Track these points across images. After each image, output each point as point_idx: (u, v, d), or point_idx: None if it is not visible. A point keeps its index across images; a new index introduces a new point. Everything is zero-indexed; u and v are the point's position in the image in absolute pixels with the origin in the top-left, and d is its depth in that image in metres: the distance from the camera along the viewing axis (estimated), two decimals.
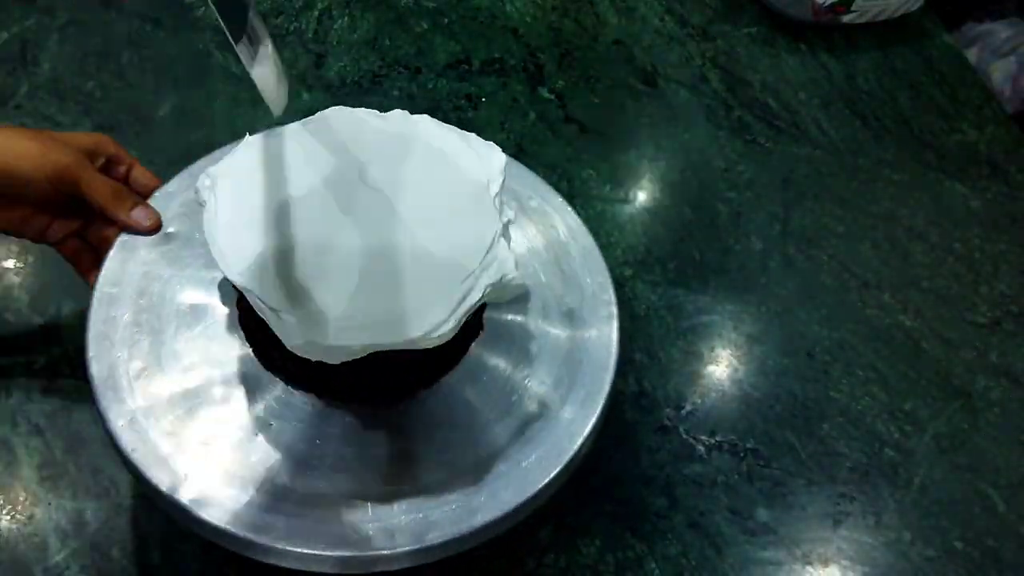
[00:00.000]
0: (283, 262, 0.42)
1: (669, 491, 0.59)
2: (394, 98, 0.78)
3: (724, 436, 0.62)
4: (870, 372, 0.67)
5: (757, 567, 0.57)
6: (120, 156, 0.53)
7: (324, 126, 0.47)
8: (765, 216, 0.75)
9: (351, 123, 0.48)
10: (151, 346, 0.46)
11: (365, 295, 0.41)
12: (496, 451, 0.45)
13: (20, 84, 0.73)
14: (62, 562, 0.51)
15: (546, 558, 0.55)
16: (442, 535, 0.42)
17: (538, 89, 0.81)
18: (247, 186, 0.45)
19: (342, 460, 0.44)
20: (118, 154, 0.53)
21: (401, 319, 0.41)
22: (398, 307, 0.41)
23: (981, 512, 0.61)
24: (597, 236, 0.55)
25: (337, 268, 0.42)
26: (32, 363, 0.58)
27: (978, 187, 0.80)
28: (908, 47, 0.92)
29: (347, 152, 0.46)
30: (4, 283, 0.62)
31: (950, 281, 0.73)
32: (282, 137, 0.47)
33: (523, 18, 0.87)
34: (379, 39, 0.83)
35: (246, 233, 0.43)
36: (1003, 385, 0.67)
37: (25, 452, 0.55)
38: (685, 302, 0.69)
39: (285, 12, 0.83)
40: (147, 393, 0.44)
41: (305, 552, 0.41)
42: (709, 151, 0.80)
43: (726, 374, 0.65)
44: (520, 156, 0.64)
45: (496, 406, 0.47)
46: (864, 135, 0.83)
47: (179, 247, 0.50)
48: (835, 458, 0.62)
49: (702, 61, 0.87)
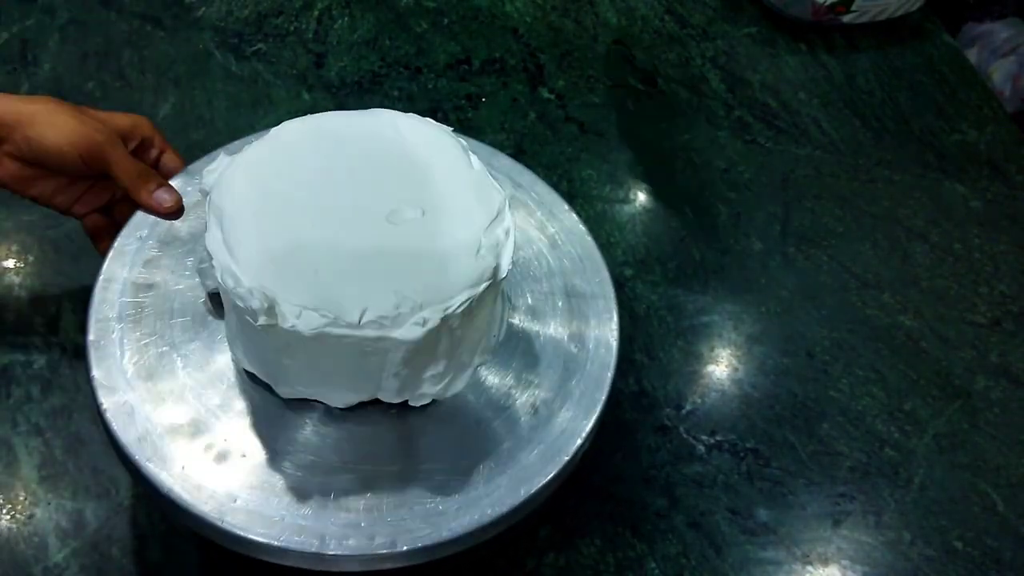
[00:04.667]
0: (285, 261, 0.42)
1: (669, 491, 0.59)
2: (394, 98, 0.78)
3: (724, 436, 0.62)
4: (870, 372, 0.67)
5: (757, 567, 0.57)
6: (154, 139, 0.55)
7: (325, 126, 0.47)
8: (765, 216, 0.75)
9: (352, 123, 0.48)
10: (151, 344, 0.46)
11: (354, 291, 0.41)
12: (496, 450, 0.45)
13: (20, 84, 0.73)
14: (62, 562, 0.51)
15: (546, 558, 0.55)
16: (442, 535, 0.42)
17: (538, 89, 0.81)
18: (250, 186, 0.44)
19: (342, 459, 0.44)
20: (152, 137, 0.55)
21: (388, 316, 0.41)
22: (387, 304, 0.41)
23: (981, 512, 0.61)
24: (597, 236, 0.55)
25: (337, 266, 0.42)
26: (32, 363, 0.58)
27: (978, 187, 0.80)
28: (908, 47, 0.92)
29: (348, 152, 0.46)
30: (4, 283, 0.62)
31: (950, 281, 0.73)
32: (284, 137, 0.47)
33: (523, 18, 0.87)
34: (379, 39, 0.83)
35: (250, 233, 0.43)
36: (1003, 385, 0.67)
37: (25, 452, 0.55)
38: (685, 302, 0.69)
39: (285, 12, 0.83)
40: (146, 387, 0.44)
41: (305, 551, 0.41)
42: (709, 151, 0.80)
43: (726, 374, 0.65)
44: (520, 156, 0.64)
45: (496, 405, 0.47)
46: (864, 135, 0.83)
47: (180, 245, 0.50)
48: (835, 458, 0.62)
49: (702, 61, 0.87)
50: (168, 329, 0.47)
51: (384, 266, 0.42)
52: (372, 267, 0.42)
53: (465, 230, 0.44)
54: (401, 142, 0.47)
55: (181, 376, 0.45)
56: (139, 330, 0.46)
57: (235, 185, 0.44)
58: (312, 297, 0.40)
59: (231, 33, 0.81)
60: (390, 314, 0.40)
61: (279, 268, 0.41)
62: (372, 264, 0.42)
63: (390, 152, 0.47)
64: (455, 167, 0.47)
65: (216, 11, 0.82)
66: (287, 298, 0.40)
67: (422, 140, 0.47)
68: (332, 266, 0.41)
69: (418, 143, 0.47)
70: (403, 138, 0.47)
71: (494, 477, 0.44)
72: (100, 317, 0.46)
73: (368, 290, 0.41)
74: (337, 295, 0.41)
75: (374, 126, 0.48)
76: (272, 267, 0.41)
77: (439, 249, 0.43)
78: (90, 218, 0.55)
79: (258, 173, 0.45)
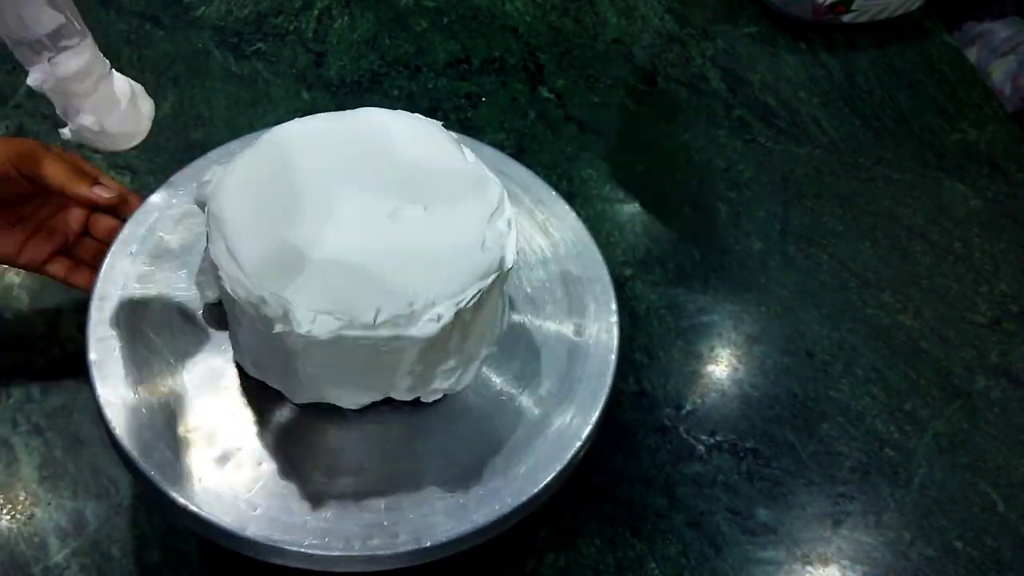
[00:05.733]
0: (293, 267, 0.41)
1: (669, 491, 0.59)
2: (394, 97, 0.78)
3: (724, 436, 0.62)
4: (870, 372, 0.67)
5: (757, 567, 0.57)
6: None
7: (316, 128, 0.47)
8: (765, 215, 0.75)
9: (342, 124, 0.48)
10: (155, 360, 0.46)
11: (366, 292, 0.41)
12: (496, 451, 0.45)
13: (19, 84, 0.73)
14: (62, 562, 0.51)
15: (546, 558, 0.55)
16: (442, 535, 0.42)
17: (538, 88, 0.81)
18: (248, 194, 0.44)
19: (342, 459, 0.44)
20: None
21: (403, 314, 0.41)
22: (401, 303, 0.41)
23: (981, 512, 0.61)
24: (597, 236, 0.55)
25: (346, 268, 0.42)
26: (32, 363, 0.58)
27: (978, 187, 0.80)
28: (908, 47, 0.92)
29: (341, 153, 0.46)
30: (4, 283, 0.62)
31: (950, 281, 0.73)
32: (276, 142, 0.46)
33: (523, 17, 0.87)
34: (379, 38, 0.83)
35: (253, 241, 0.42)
36: (1003, 385, 0.67)
37: (25, 452, 0.55)
38: (685, 302, 0.69)
39: (285, 11, 0.83)
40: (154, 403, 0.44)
41: (305, 551, 0.41)
42: (709, 151, 0.80)
43: (726, 374, 0.65)
44: (520, 155, 0.64)
45: (496, 406, 0.47)
46: (864, 135, 0.83)
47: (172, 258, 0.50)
48: (835, 458, 0.62)
49: (702, 61, 0.87)
50: (170, 343, 0.47)
51: (393, 265, 0.42)
52: (381, 267, 0.42)
53: (468, 223, 0.44)
54: (393, 140, 0.47)
55: (189, 390, 0.45)
56: (140, 346, 0.46)
57: (232, 194, 0.44)
58: (325, 301, 0.40)
59: (231, 32, 0.81)
60: (404, 312, 0.40)
61: (288, 274, 0.41)
62: (381, 264, 0.42)
63: (384, 151, 0.46)
64: (450, 161, 0.46)
65: (215, 10, 0.82)
66: (300, 304, 0.40)
67: (414, 137, 0.47)
68: (341, 268, 0.41)
69: (410, 140, 0.47)
70: (395, 136, 0.47)
71: (494, 478, 0.44)
72: (99, 336, 0.46)
73: (380, 290, 0.41)
74: (350, 297, 0.40)
75: (365, 125, 0.47)
76: (281, 274, 0.41)
77: (445, 244, 0.43)
78: (52, 266, 0.55)
79: (254, 180, 0.44)
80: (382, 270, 0.41)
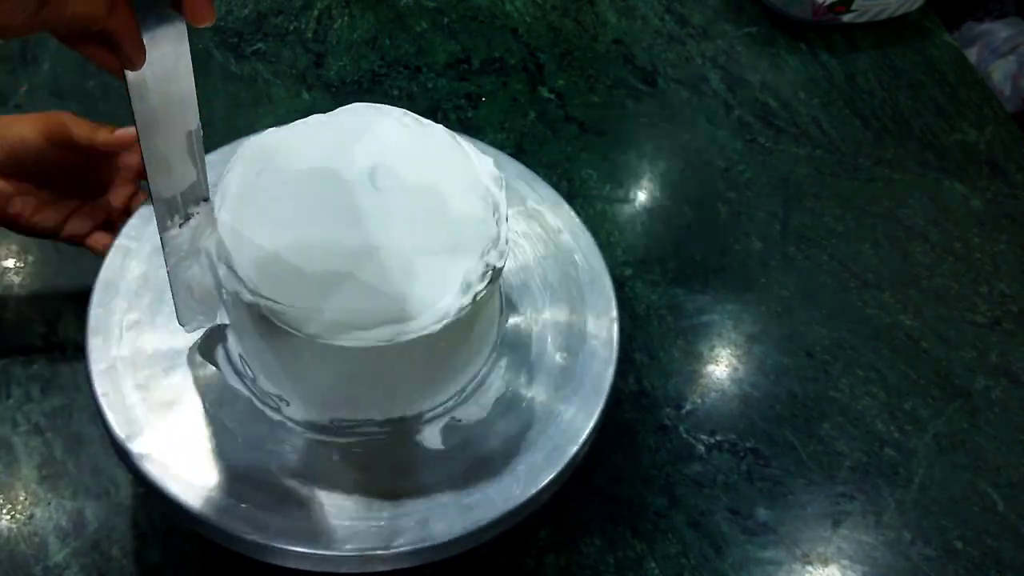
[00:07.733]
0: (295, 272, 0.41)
1: (669, 491, 0.59)
2: (394, 98, 0.78)
3: (724, 436, 0.62)
4: (870, 372, 0.67)
5: (757, 567, 0.57)
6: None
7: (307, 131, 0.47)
8: (765, 216, 0.75)
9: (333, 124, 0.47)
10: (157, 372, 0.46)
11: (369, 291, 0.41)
12: (496, 450, 0.45)
13: (20, 84, 0.73)
14: (62, 562, 0.51)
15: (546, 558, 0.55)
16: (442, 535, 0.42)
17: (538, 88, 0.81)
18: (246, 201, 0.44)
19: (342, 460, 0.44)
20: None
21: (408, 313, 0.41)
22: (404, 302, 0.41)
23: (981, 512, 0.61)
24: (597, 236, 0.55)
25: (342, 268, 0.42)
26: (32, 363, 0.58)
27: (978, 187, 0.80)
28: (908, 47, 0.92)
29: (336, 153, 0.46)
30: (4, 283, 0.62)
31: (950, 281, 0.73)
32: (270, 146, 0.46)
33: (523, 18, 0.87)
34: (379, 39, 0.83)
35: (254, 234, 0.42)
36: (1003, 385, 0.67)
37: (25, 452, 0.55)
38: (685, 302, 0.69)
39: (285, 12, 0.83)
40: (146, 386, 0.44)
41: (305, 552, 0.41)
42: (709, 151, 0.80)
43: (726, 374, 0.65)
44: (520, 155, 0.64)
45: (496, 406, 0.47)
46: (864, 135, 0.83)
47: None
48: (835, 458, 0.62)
49: (702, 61, 0.87)
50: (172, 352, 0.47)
51: (394, 265, 0.42)
52: (382, 268, 0.42)
53: (466, 220, 0.44)
54: (386, 138, 0.46)
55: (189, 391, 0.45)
56: (141, 358, 0.46)
57: (230, 201, 0.44)
58: (328, 304, 0.40)
59: (230, 32, 0.81)
60: (407, 314, 0.40)
61: (292, 279, 0.41)
62: (382, 264, 0.42)
63: (379, 149, 0.46)
64: (444, 155, 0.46)
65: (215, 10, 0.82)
66: (304, 307, 0.40)
67: (407, 134, 0.47)
68: (342, 271, 0.41)
69: (404, 138, 0.47)
70: (388, 133, 0.46)
71: (494, 478, 0.44)
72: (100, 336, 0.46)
73: (381, 292, 0.41)
74: (353, 300, 0.40)
75: (356, 124, 0.47)
76: (284, 279, 0.41)
77: (444, 243, 0.43)
78: (93, 237, 0.56)
79: (252, 185, 0.44)
80: (383, 271, 0.41)
